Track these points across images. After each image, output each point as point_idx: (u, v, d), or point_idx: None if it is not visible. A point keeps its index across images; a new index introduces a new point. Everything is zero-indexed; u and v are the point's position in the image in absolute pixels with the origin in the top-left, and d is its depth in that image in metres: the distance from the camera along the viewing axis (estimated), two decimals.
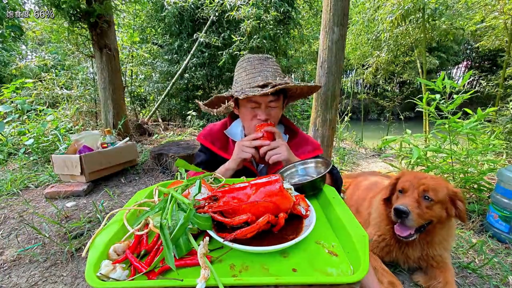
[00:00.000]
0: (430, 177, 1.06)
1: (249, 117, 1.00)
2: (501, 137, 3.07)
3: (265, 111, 0.97)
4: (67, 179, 2.15)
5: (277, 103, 0.99)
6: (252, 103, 0.97)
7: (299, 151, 1.08)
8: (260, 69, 0.97)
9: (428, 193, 1.01)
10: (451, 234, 1.10)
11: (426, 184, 1.01)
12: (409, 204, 0.99)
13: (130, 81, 5.75)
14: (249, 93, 0.87)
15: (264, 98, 0.95)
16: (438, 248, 1.07)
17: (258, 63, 0.98)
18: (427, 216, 1.00)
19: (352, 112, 6.21)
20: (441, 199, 1.00)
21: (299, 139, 1.13)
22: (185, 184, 0.68)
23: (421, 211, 0.99)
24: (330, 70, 2.07)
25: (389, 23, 4.69)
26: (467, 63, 14.60)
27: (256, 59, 1.00)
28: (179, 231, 0.50)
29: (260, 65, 0.98)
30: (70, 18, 2.82)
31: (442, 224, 1.05)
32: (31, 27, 5.31)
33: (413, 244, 1.09)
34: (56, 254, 1.30)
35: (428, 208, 1.00)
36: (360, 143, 4.72)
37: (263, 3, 4.33)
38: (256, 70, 0.96)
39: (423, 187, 1.02)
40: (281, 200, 0.58)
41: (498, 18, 4.45)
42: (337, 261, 0.51)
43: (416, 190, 1.03)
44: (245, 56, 1.04)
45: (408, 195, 1.04)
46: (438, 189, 1.01)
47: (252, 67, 0.97)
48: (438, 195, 1.00)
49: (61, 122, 3.43)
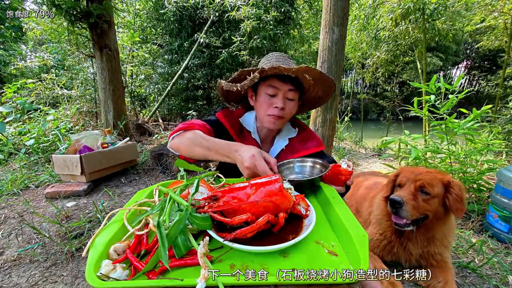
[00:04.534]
0: (427, 171, 1.08)
1: (265, 105, 1.00)
2: (500, 137, 3.08)
3: (283, 100, 0.98)
4: (67, 179, 2.15)
5: (294, 95, 1.00)
6: (272, 88, 0.97)
7: (306, 145, 1.11)
8: (283, 61, 1.01)
9: (424, 187, 1.03)
10: (451, 231, 1.11)
11: (423, 179, 1.03)
12: (404, 196, 1.02)
13: (130, 81, 5.75)
14: (275, 64, 0.90)
15: (284, 86, 0.96)
16: (439, 245, 1.08)
17: (282, 58, 1.04)
18: (423, 210, 1.02)
19: (352, 112, 6.21)
20: (437, 194, 1.02)
21: (306, 133, 1.16)
22: (185, 184, 0.68)
23: (416, 203, 1.02)
24: (330, 70, 2.07)
25: (388, 21, 4.69)
26: (467, 63, 14.61)
27: (280, 54, 1.06)
28: (173, 228, 0.50)
29: (283, 59, 1.03)
30: (70, 18, 2.82)
31: (441, 220, 1.06)
32: (32, 28, 5.30)
33: (414, 240, 1.09)
34: (56, 254, 1.31)
35: (424, 201, 1.02)
36: (360, 143, 4.73)
37: (263, 3, 4.33)
38: (280, 62, 1.00)
39: (419, 182, 1.04)
40: (281, 200, 0.59)
41: (498, 18, 4.45)
42: (337, 261, 0.51)
43: (412, 184, 1.05)
44: (271, 53, 1.10)
45: (405, 188, 1.07)
46: (434, 183, 1.03)
47: (276, 60, 1.03)
48: (434, 189, 1.02)
49: (61, 122, 3.44)
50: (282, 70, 0.90)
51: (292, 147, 1.11)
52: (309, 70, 0.91)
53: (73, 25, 2.92)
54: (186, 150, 0.91)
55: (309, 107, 1.21)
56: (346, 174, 0.85)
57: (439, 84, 1.93)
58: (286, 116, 1.02)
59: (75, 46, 4.23)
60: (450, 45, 9.28)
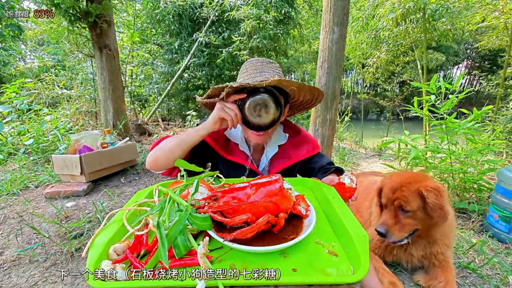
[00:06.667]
0: (402, 185, 1.04)
1: None
2: (501, 137, 3.07)
3: None
4: (67, 179, 2.15)
5: None
6: None
7: (299, 149, 1.08)
8: (261, 69, 0.96)
9: (403, 206, 1.02)
10: (451, 229, 1.10)
11: (399, 197, 1.03)
12: (387, 223, 1.03)
13: (130, 81, 5.75)
14: (243, 82, 0.85)
15: None
16: (441, 244, 1.07)
17: (260, 65, 0.98)
18: (408, 228, 1.03)
19: (352, 112, 6.21)
20: (417, 207, 1.01)
21: (300, 137, 1.12)
22: (185, 184, 0.68)
23: (400, 225, 1.03)
24: (330, 70, 2.07)
25: (389, 21, 4.68)
26: (467, 63, 14.61)
27: (259, 61, 1.00)
28: (172, 229, 0.50)
29: (262, 66, 0.97)
30: (70, 18, 2.82)
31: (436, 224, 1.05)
32: (31, 28, 5.30)
33: (415, 243, 1.09)
34: (56, 254, 1.30)
35: (408, 218, 1.03)
36: (360, 143, 4.72)
37: (263, 3, 4.33)
38: (257, 70, 0.96)
39: (397, 202, 1.03)
40: (281, 200, 0.58)
41: (499, 18, 4.44)
42: (337, 261, 0.51)
43: (392, 205, 1.06)
44: (250, 59, 1.04)
45: (386, 211, 1.08)
46: (410, 198, 1.01)
47: (254, 68, 0.97)
48: (412, 205, 1.01)
49: (60, 122, 3.43)
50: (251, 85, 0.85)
51: (284, 153, 1.08)
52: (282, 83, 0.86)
53: (72, 24, 2.92)
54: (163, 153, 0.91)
55: (299, 110, 1.15)
56: (350, 191, 0.82)
57: (439, 84, 1.93)
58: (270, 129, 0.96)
59: (74, 46, 4.23)
60: (451, 45, 9.28)
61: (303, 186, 0.90)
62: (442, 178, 2.03)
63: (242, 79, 0.97)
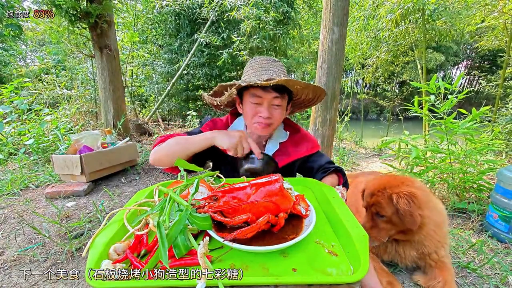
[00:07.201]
0: (379, 190, 1.05)
1: (250, 114, 0.98)
2: (500, 137, 3.08)
3: (268, 109, 0.96)
4: (67, 179, 2.15)
5: (281, 102, 0.97)
6: (256, 97, 0.95)
7: (299, 148, 1.10)
8: (266, 67, 0.98)
9: (378, 211, 1.04)
10: (440, 227, 1.08)
11: (375, 203, 1.05)
12: (365, 227, 1.04)
13: (130, 81, 5.75)
14: (251, 81, 0.87)
15: (268, 95, 0.93)
16: (432, 244, 1.06)
17: (266, 62, 1.00)
18: (385, 233, 1.05)
19: (352, 112, 6.21)
20: (392, 212, 1.01)
21: (300, 136, 1.14)
22: (185, 184, 0.68)
23: (377, 230, 1.05)
24: (330, 70, 2.07)
25: (388, 22, 4.68)
26: (467, 63, 14.61)
27: (264, 59, 1.02)
28: (173, 228, 0.50)
29: (267, 64, 0.99)
30: (70, 18, 2.82)
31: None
32: (32, 28, 5.30)
33: (405, 244, 1.10)
34: (56, 254, 1.31)
35: (385, 223, 1.04)
36: (360, 143, 4.73)
37: (263, 4, 4.33)
38: (263, 68, 0.97)
39: (373, 207, 1.05)
40: (281, 200, 0.59)
41: (498, 18, 4.45)
42: (337, 261, 0.51)
43: (370, 210, 1.08)
44: (255, 57, 1.05)
45: (366, 215, 1.10)
46: (384, 204, 1.02)
47: (260, 65, 0.99)
48: (387, 210, 1.01)
49: (61, 122, 3.43)
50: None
51: (285, 151, 1.09)
52: (289, 82, 0.88)
53: (73, 25, 2.92)
54: (166, 155, 0.93)
55: (301, 107, 1.18)
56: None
57: (439, 84, 1.93)
58: (274, 123, 0.99)
59: (75, 46, 4.23)
60: (450, 45, 9.28)
61: (303, 186, 0.90)
62: (442, 178, 2.03)
63: (248, 77, 0.98)
